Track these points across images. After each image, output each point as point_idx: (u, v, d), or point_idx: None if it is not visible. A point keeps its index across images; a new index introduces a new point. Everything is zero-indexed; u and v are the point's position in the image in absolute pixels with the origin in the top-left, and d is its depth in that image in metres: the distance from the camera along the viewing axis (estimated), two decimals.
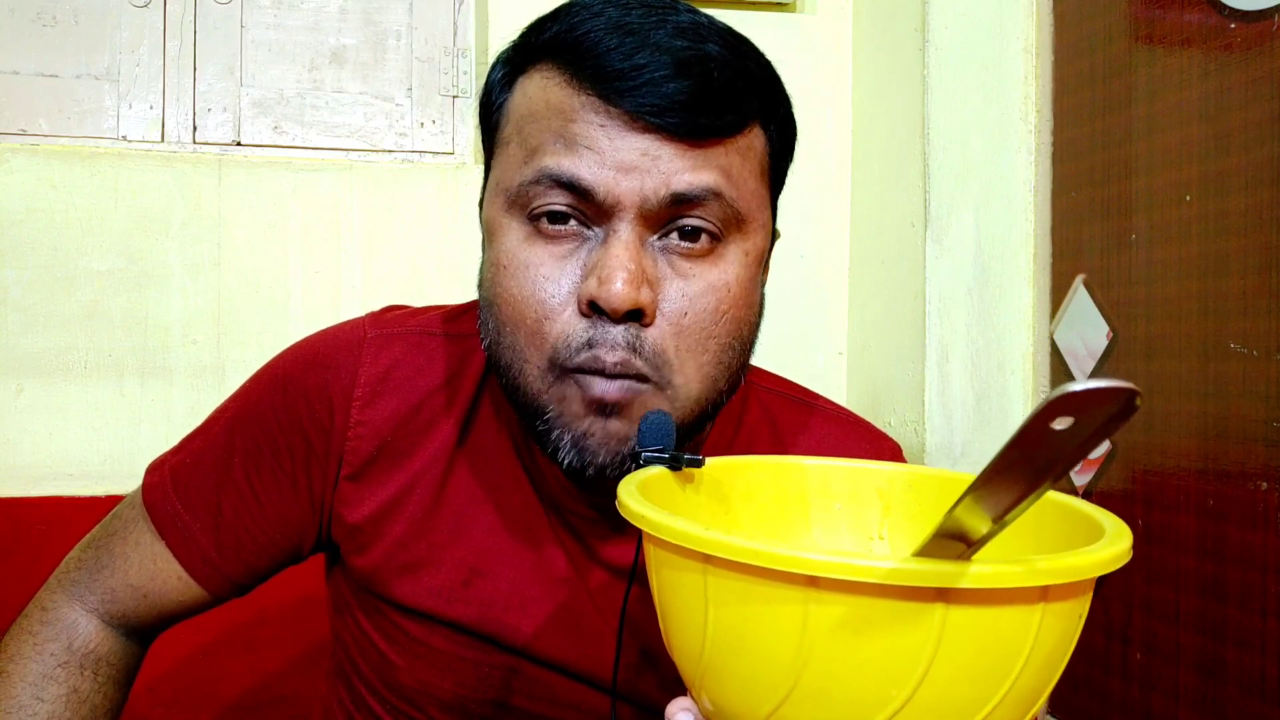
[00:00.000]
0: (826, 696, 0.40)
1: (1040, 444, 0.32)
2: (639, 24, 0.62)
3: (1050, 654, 0.41)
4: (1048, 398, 0.30)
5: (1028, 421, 0.31)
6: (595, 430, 0.63)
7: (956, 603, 0.37)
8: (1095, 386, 0.29)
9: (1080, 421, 0.30)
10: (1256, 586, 0.90)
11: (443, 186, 1.37)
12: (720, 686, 0.44)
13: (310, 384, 0.75)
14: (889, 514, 0.59)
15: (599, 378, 0.62)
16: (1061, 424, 0.31)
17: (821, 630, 0.39)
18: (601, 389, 0.62)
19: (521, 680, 0.75)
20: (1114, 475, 1.08)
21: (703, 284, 0.64)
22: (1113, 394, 0.29)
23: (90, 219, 1.28)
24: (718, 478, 0.59)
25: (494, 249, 0.66)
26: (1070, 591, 0.40)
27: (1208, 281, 0.96)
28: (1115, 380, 0.29)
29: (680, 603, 0.45)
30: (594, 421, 0.63)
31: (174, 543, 0.76)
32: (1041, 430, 0.31)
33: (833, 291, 1.48)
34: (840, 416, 0.84)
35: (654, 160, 0.61)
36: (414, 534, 0.74)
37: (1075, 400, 0.29)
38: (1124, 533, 0.44)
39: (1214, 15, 0.96)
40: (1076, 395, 0.29)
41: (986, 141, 1.25)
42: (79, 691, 0.76)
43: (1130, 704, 1.05)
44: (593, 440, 0.63)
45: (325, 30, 1.42)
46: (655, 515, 0.44)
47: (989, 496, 0.35)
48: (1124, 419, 0.30)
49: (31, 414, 1.27)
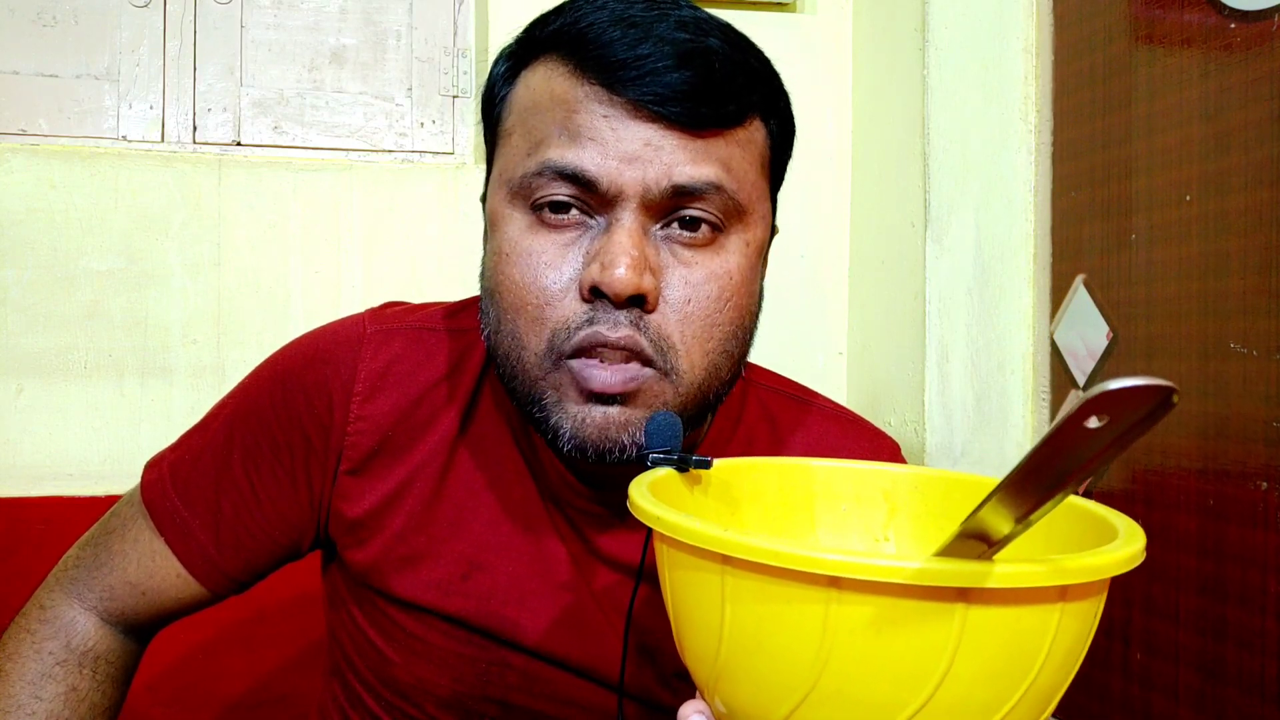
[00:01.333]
0: (845, 698, 0.40)
1: (1074, 443, 0.32)
2: (641, 17, 0.63)
3: (1067, 654, 0.41)
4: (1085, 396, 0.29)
5: (1063, 420, 0.31)
6: (595, 416, 0.63)
7: (977, 602, 0.37)
8: (1134, 385, 0.29)
9: (1115, 420, 0.30)
10: (1256, 586, 0.91)
11: (443, 186, 1.37)
12: (735, 689, 0.44)
13: (310, 380, 0.75)
14: (895, 515, 0.60)
15: (598, 370, 0.62)
16: (1096, 423, 0.30)
17: (842, 631, 0.39)
18: (602, 381, 0.62)
19: (519, 676, 0.75)
20: (1114, 475, 1.08)
21: (706, 272, 0.64)
22: (1151, 392, 0.29)
23: (90, 219, 1.28)
24: (725, 479, 0.59)
25: (496, 239, 0.67)
26: (1088, 591, 0.40)
27: (1208, 281, 0.96)
28: (1153, 378, 0.29)
29: (695, 604, 0.44)
30: (594, 408, 0.63)
31: (173, 540, 0.76)
32: (1076, 429, 0.31)
33: (833, 291, 1.49)
34: (839, 415, 0.84)
35: (656, 151, 0.62)
36: (413, 527, 0.75)
37: (1112, 399, 0.29)
38: (1138, 533, 0.44)
39: (1214, 15, 0.96)
40: (1114, 394, 0.29)
41: (986, 141, 1.25)
42: (77, 689, 0.76)
43: (1130, 703, 1.05)
44: (591, 426, 0.63)
45: (325, 30, 1.42)
46: (672, 516, 0.44)
47: (1016, 497, 0.35)
48: (1158, 417, 0.30)
49: (31, 414, 1.27)
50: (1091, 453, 0.32)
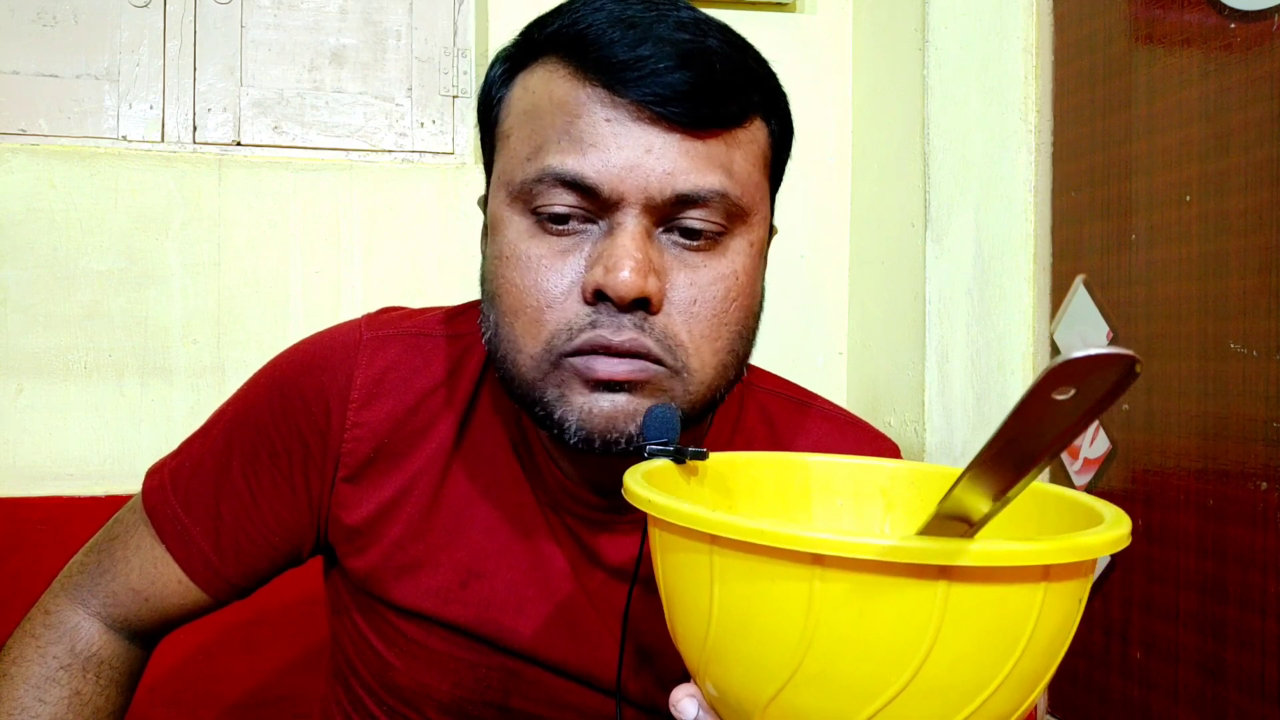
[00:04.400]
0: (830, 678, 0.40)
1: (1042, 415, 0.32)
2: (640, 18, 0.63)
3: (1051, 637, 0.41)
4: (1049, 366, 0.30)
5: (1029, 392, 0.31)
6: (603, 405, 0.62)
7: (959, 580, 0.38)
8: (1096, 353, 0.29)
9: (1082, 391, 0.31)
10: (1256, 586, 0.91)
11: (443, 186, 1.37)
12: (724, 671, 0.44)
13: (306, 387, 0.75)
14: (891, 510, 0.60)
15: (603, 357, 0.62)
16: (1063, 394, 0.31)
17: (826, 609, 0.39)
18: (608, 368, 0.62)
19: (519, 681, 0.75)
20: (1114, 475, 1.08)
21: (711, 274, 0.64)
22: (1113, 360, 0.29)
23: (90, 219, 1.28)
24: (721, 472, 0.59)
25: (497, 242, 0.66)
26: (1071, 572, 0.41)
27: (1208, 281, 0.96)
28: (1115, 347, 0.29)
29: (686, 586, 0.45)
30: (600, 396, 0.62)
31: (174, 546, 0.76)
32: (1043, 400, 0.31)
33: (833, 291, 1.48)
34: (838, 416, 0.84)
35: (658, 158, 0.61)
36: (411, 535, 0.74)
37: (1076, 367, 0.30)
38: (1123, 520, 0.44)
39: (1214, 15, 0.96)
40: (1077, 362, 0.29)
41: (986, 141, 1.25)
42: (81, 694, 0.76)
43: (1130, 703, 1.05)
44: (599, 415, 0.62)
45: (325, 30, 1.42)
46: (662, 499, 0.45)
47: (990, 473, 0.35)
48: (1123, 388, 0.30)
49: (31, 414, 1.27)
50: (1061, 425, 0.32)
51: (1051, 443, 0.33)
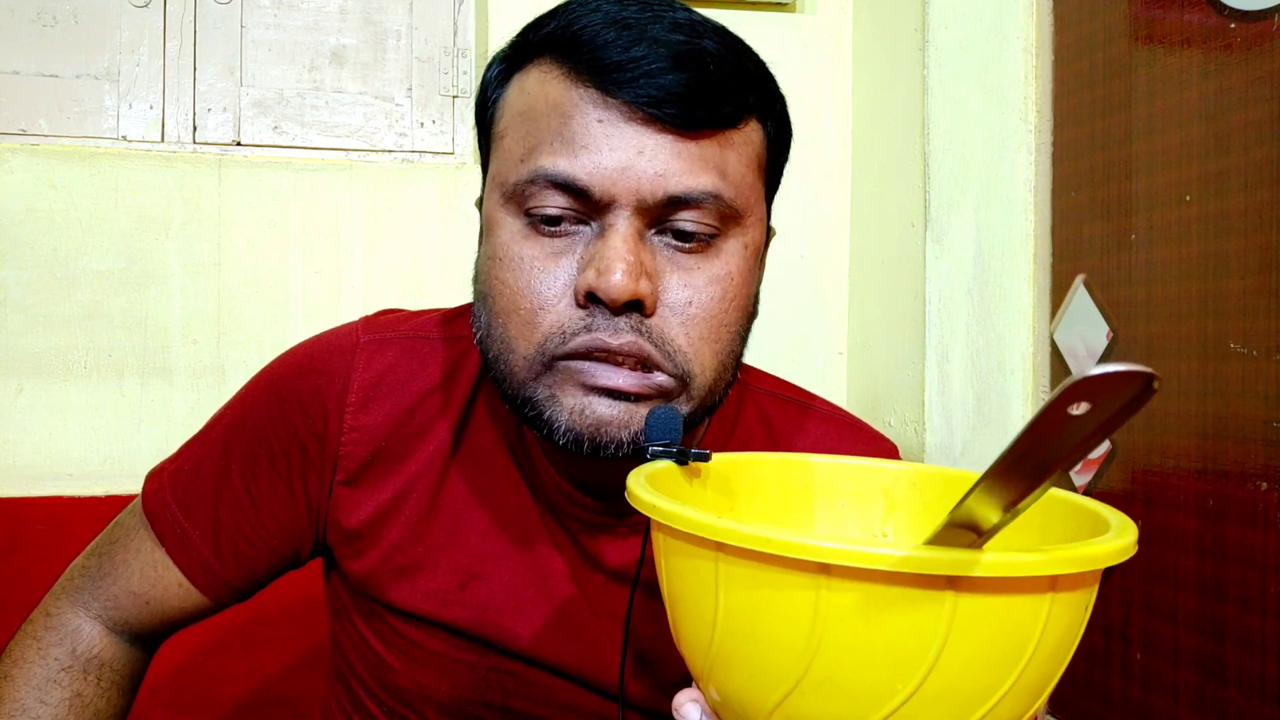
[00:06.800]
0: (835, 686, 0.40)
1: (1057, 430, 0.32)
2: (636, 19, 0.63)
3: (1057, 646, 0.41)
4: (1066, 382, 0.30)
5: (1046, 407, 0.31)
6: (598, 409, 0.62)
7: (967, 590, 0.38)
8: (1114, 370, 0.29)
9: (1097, 407, 0.31)
10: (1256, 586, 0.91)
11: (443, 186, 1.37)
12: (728, 676, 0.44)
13: (304, 390, 0.75)
14: (893, 511, 0.60)
15: (606, 366, 0.62)
16: (1078, 409, 0.31)
17: (832, 618, 0.39)
18: (610, 379, 0.62)
19: (518, 683, 0.75)
20: (1114, 475, 1.08)
21: (706, 275, 0.64)
22: (1131, 378, 0.29)
23: (90, 219, 1.28)
24: (724, 473, 0.59)
25: (491, 243, 0.66)
26: (1079, 582, 0.40)
27: (1208, 281, 0.96)
28: (1133, 364, 0.29)
29: (690, 592, 0.45)
30: (598, 400, 0.62)
31: (173, 550, 0.76)
32: (1059, 416, 0.31)
33: (833, 291, 1.48)
34: (837, 417, 0.84)
35: (650, 159, 0.61)
36: (410, 538, 0.74)
37: (1094, 385, 0.30)
38: (1130, 527, 0.44)
39: (1214, 15, 0.96)
40: (1095, 380, 0.29)
41: (986, 141, 1.25)
42: (82, 696, 0.76)
43: (1130, 703, 1.05)
44: (590, 418, 0.62)
45: (325, 30, 1.42)
46: (667, 504, 0.44)
47: (1002, 485, 0.35)
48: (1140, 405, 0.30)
49: (31, 414, 1.27)
50: (1075, 440, 0.32)
51: (1065, 456, 0.33)
